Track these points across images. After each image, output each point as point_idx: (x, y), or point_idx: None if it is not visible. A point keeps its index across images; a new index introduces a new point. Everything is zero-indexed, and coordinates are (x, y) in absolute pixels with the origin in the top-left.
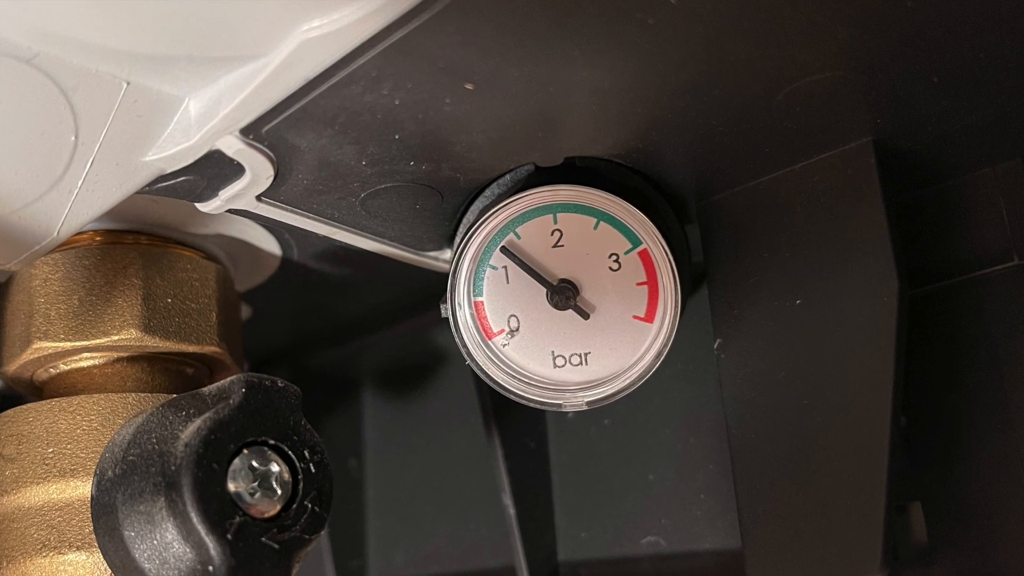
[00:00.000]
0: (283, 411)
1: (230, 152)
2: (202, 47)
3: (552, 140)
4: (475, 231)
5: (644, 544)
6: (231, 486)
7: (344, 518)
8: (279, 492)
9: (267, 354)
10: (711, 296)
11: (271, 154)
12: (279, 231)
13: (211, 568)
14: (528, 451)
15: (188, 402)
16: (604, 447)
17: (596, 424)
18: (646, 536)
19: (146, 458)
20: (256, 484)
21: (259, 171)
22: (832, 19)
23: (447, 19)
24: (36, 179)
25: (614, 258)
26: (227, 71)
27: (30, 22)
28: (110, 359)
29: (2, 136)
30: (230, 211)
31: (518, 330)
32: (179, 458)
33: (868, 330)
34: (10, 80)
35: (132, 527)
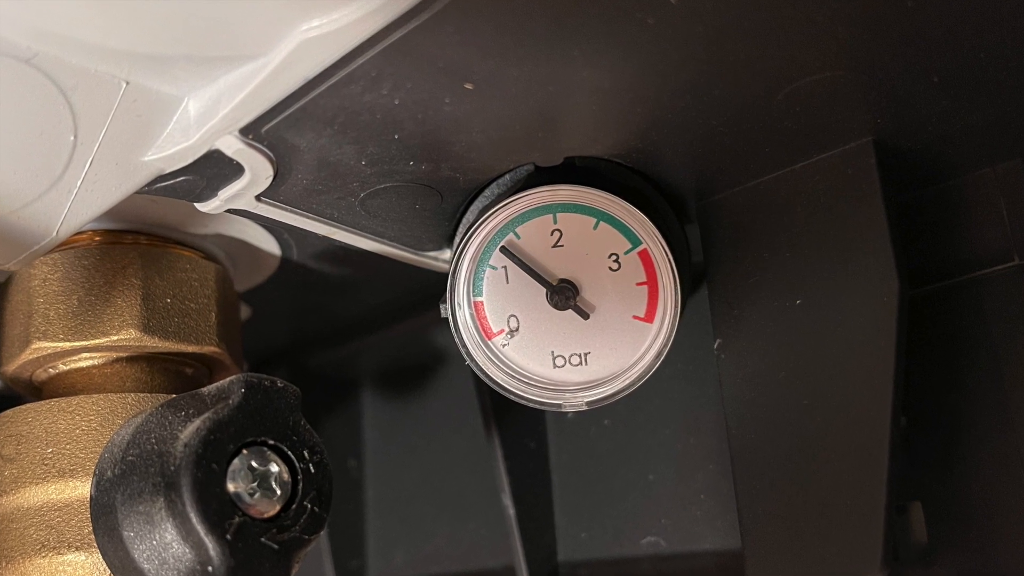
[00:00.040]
0: (282, 411)
1: (229, 152)
2: (201, 47)
3: (552, 140)
4: (475, 231)
5: (644, 544)
6: (230, 486)
7: (344, 518)
8: (278, 492)
9: (266, 354)
10: (711, 296)
11: (270, 154)
12: (278, 231)
13: (210, 568)
14: (528, 451)
15: (187, 402)
16: (604, 447)
17: (596, 424)
18: (646, 536)
19: (145, 458)
20: (255, 484)
21: (258, 171)
22: (832, 19)
23: (446, 19)
24: (35, 179)
25: (614, 258)
26: (226, 71)
27: (29, 22)
28: (109, 359)
29: (1, 136)
30: (229, 211)
31: (518, 330)
32: (178, 458)
33: (868, 330)
34: (9, 80)
35: (131, 527)
